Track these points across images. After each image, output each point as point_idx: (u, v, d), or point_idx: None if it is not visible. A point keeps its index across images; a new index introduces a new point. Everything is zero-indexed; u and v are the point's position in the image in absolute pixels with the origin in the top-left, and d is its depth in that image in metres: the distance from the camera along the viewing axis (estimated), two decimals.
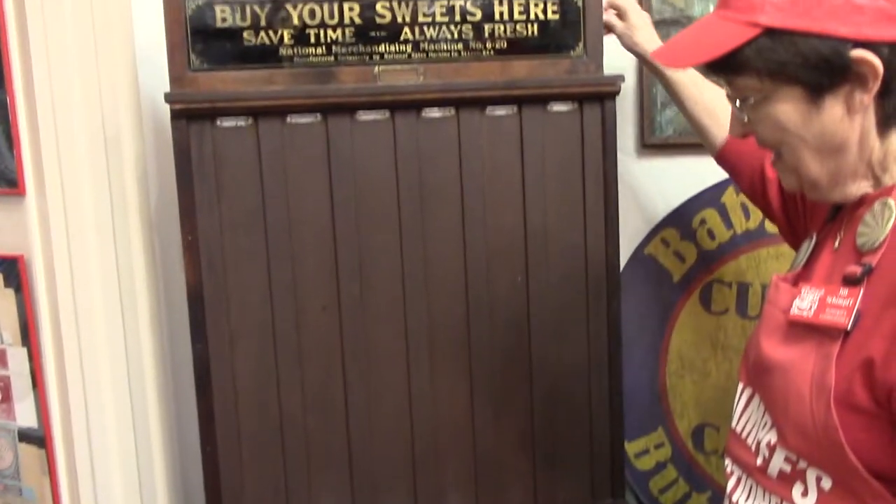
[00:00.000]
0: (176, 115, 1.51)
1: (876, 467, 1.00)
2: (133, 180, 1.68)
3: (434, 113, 1.61)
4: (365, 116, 1.58)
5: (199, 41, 1.52)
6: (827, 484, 1.06)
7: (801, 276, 1.17)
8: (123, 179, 1.65)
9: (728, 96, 1.11)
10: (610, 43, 1.70)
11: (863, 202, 1.10)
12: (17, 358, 1.65)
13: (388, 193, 1.61)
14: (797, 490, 1.09)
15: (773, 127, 1.07)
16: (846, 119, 1.04)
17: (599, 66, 1.67)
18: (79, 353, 1.61)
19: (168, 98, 1.50)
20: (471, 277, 1.65)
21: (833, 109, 1.03)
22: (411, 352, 1.65)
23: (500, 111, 1.63)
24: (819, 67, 1.01)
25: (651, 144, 2.02)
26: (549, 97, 1.64)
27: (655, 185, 2.02)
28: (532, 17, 1.64)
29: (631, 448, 1.99)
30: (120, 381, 1.68)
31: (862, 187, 1.09)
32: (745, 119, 1.10)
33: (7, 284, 1.62)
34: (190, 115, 1.51)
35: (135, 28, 1.71)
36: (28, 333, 1.62)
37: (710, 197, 1.96)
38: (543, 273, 1.69)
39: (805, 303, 1.08)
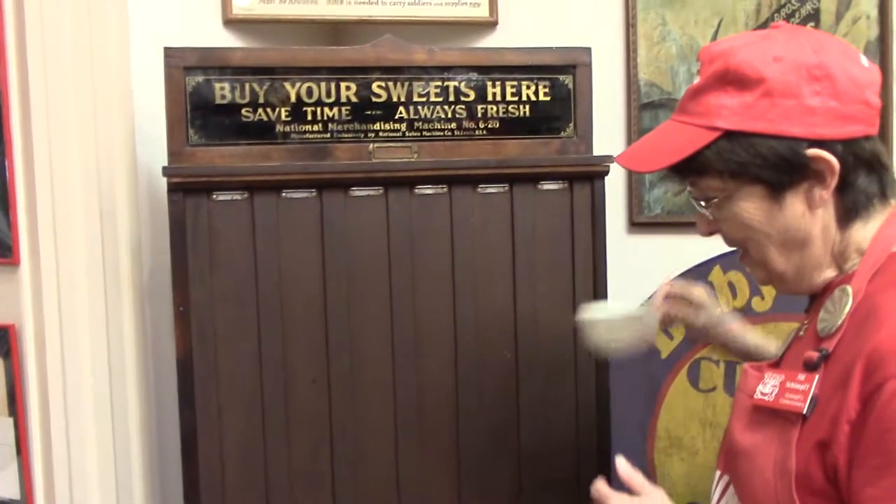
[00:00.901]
0: (173, 189, 1.53)
1: None
2: (127, 252, 1.69)
3: (427, 190, 1.63)
4: (359, 192, 1.61)
5: (199, 117, 1.56)
6: None
7: (773, 364, 1.19)
8: (117, 250, 1.67)
9: (693, 198, 1.15)
10: (599, 122, 1.74)
11: (826, 290, 1.13)
12: (3, 427, 1.64)
13: (380, 268, 1.62)
14: None
15: (738, 225, 1.11)
16: (808, 214, 1.08)
17: (589, 146, 1.71)
18: (65, 423, 1.60)
19: (166, 172, 1.53)
20: (460, 352, 1.66)
21: (794, 206, 1.07)
22: (400, 427, 1.65)
23: (492, 189, 1.66)
24: (778, 166, 1.05)
25: (639, 223, 2.05)
26: (540, 176, 1.67)
27: (643, 262, 2.04)
28: (524, 98, 1.69)
29: None
30: (106, 452, 1.67)
31: (827, 277, 1.13)
32: (711, 218, 1.13)
33: None
34: (187, 188, 1.53)
35: (134, 101, 1.75)
36: (15, 403, 1.61)
37: (697, 275, 1.99)
38: (532, 348, 1.70)
39: (767, 387, 1.10)
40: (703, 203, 1.13)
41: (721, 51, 1.09)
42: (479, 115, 1.67)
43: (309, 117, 1.60)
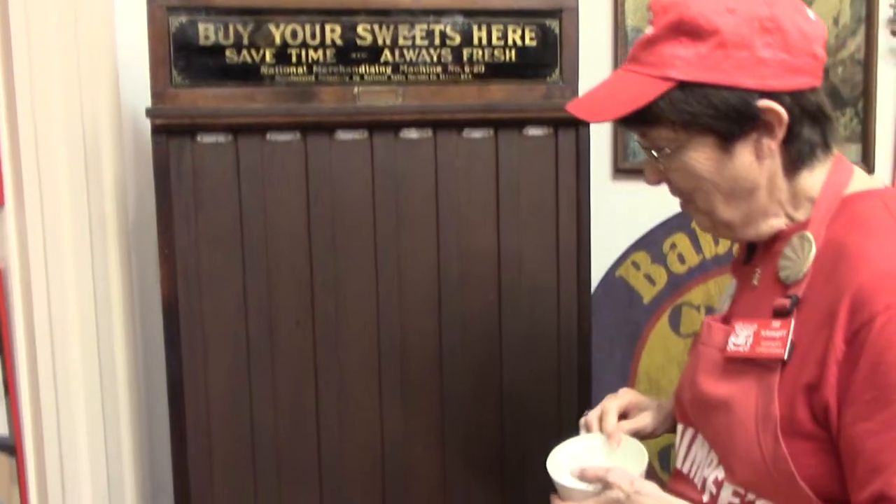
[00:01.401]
0: (156, 130, 1.53)
1: (825, 492, 1.04)
2: (112, 193, 1.69)
3: (412, 134, 1.63)
4: (344, 136, 1.61)
5: (182, 58, 1.54)
6: None
7: (728, 317, 1.22)
8: (102, 192, 1.67)
9: (643, 147, 1.16)
10: (586, 67, 1.73)
11: (777, 238, 1.15)
12: None
13: (365, 212, 1.63)
14: None
15: (687, 175, 1.12)
16: (755, 164, 1.10)
17: (575, 91, 1.71)
18: (52, 362, 1.62)
19: (149, 113, 1.52)
20: (444, 295, 1.68)
21: (743, 156, 1.09)
22: (383, 367, 1.67)
23: (477, 134, 1.66)
24: (730, 117, 1.07)
25: (624, 169, 2.06)
26: (525, 121, 1.67)
27: (627, 209, 2.06)
28: (510, 42, 1.68)
29: None
30: (93, 392, 1.69)
31: (774, 225, 1.15)
32: (661, 168, 1.15)
33: None
34: (170, 130, 1.53)
35: (117, 42, 1.73)
36: (2, 342, 1.63)
37: (680, 222, 2.01)
38: (515, 292, 1.72)
39: (740, 338, 1.12)
40: (654, 153, 1.14)
41: (674, 1, 1.09)
42: (465, 59, 1.66)
43: (294, 59, 1.59)
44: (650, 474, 1.21)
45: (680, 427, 1.27)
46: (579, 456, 1.29)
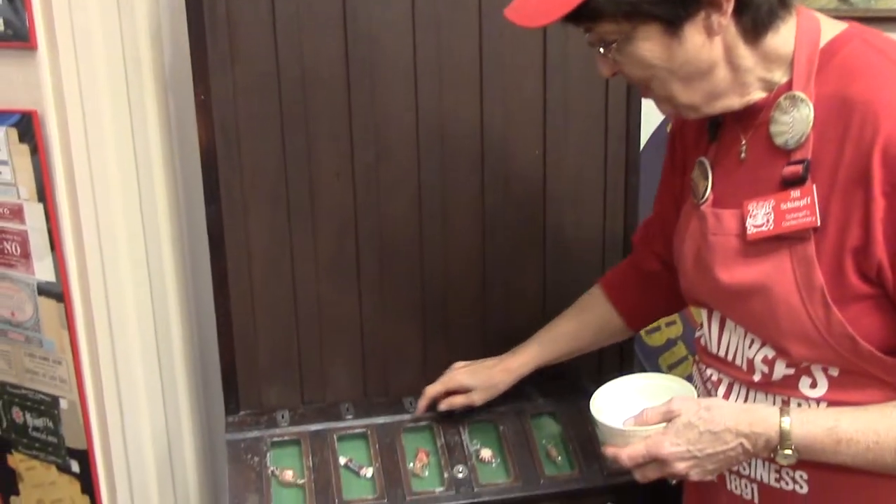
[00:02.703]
0: None
1: (888, 346, 1.04)
2: (146, 38, 1.64)
3: None
4: None
5: None
6: (835, 371, 1.09)
7: (718, 202, 1.17)
8: (136, 37, 1.62)
9: (590, 43, 1.11)
10: None
11: (760, 107, 1.11)
12: (35, 213, 1.66)
13: (405, 60, 1.56)
14: (804, 383, 1.11)
15: (639, 65, 1.08)
16: (707, 43, 1.05)
17: None
18: (94, 208, 1.62)
19: None
20: (486, 147, 1.63)
21: (693, 38, 1.04)
22: (425, 219, 1.64)
23: None
24: (670, 1, 1.02)
25: None
26: None
27: None
28: None
29: None
30: (136, 236, 1.70)
31: (748, 97, 1.10)
32: (612, 60, 1.10)
33: (21, 140, 1.61)
34: None
35: None
36: (44, 189, 1.63)
37: None
38: (562, 145, 1.66)
39: (759, 218, 1.09)
40: (601, 49, 1.09)
41: None
42: None
43: None
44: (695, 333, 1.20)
45: (704, 313, 1.26)
46: (623, 399, 1.26)
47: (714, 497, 1.29)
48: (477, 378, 1.56)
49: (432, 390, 1.58)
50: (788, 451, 1.07)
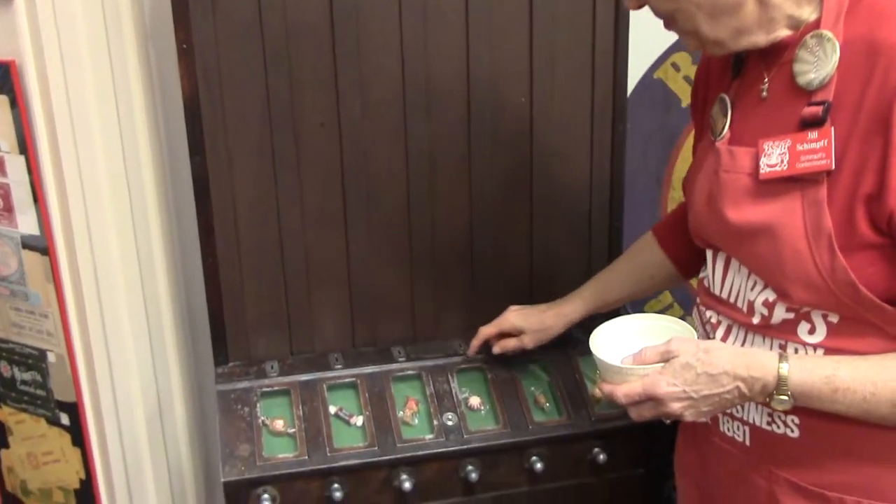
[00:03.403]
0: None
1: (889, 295, 1.03)
2: None
3: None
4: None
5: None
6: (835, 318, 1.08)
7: (736, 139, 1.15)
8: None
9: None
10: None
11: (786, 44, 1.09)
12: (16, 166, 1.64)
13: (391, 8, 1.54)
14: (803, 329, 1.11)
15: None
16: None
17: None
18: (76, 161, 1.60)
19: None
20: (473, 96, 1.62)
21: None
22: (411, 169, 1.63)
23: None
24: None
25: None
26: None
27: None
28: None
29: None
30: (120, 187, 1.68)
31: (774, 35, 1.08)
32: None
33: (0, 91, 1.58)
34: None
35: None
36: (25, 142, 1.61)
37: None
38: (548, 94, 1.65)
39: (773, 158, 1.07)
40: None
41: None
42: None
43: None
44: None
45: (709, 253, 1.25)
46: (622, 337, 1.25)
47: (706, 438, 1.30)
48: (529, 321, 1.57)
49: (486, 331, 1.60)
50: (784, 397, 1.07)
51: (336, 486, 1.45)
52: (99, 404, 1.75)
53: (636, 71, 1.91)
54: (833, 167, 1.01)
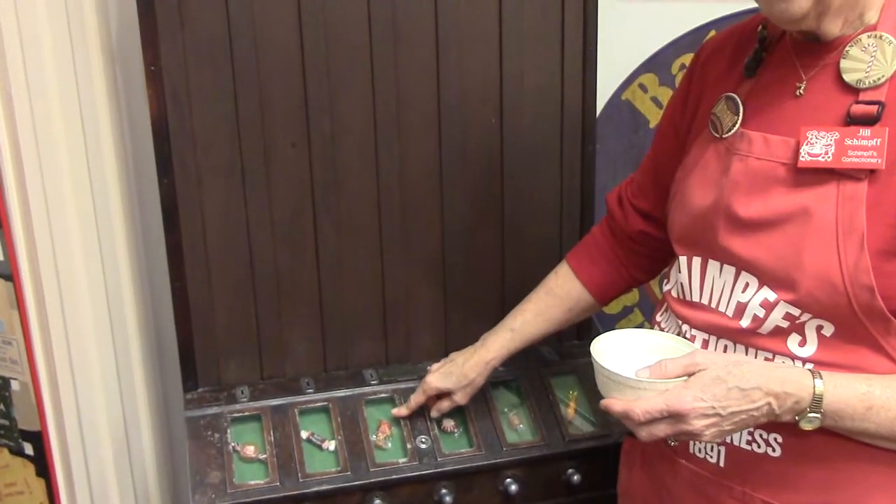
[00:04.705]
0: None
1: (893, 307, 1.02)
2: (91, 4, 1.60)
3: None
4: None
5: None
6: (829, 331, 1.06)
7: (758, 127, 1.13)
8: (81, 4, 1.57)
9: None
10: None
11: (835, 46, 1.08)
12: None
13: (360, 26, 1.54)
14: (793, 341, 1.08)
15: None
16: None
17: None
18: (42, 184, 1.57)
19: None
20: (444, 117, 1.62)
21: None
22: (382, 190, 1.63)
23: None
24: None
25: None
26: None
27: (635, 28, 1.96)
28: None
29: None
30: (86, 212, 1.65)
31: (842, 28, 1.07)
32: None
33: None
34: None
35: None
36: None
37: (690, 42, 1.92)
38: (518, 115, 1.66)
39: (817, 148, 1.04)
40: None
41: None
42: None
43: None
44: (651, 299, 1.19)
45: (683, 259, 1.22)
46: (623, 352, 1.17)
47: (666, 459, 1.26)
48: (452, 380, 1.53)
49: (414, 401, 1.57)
50: (816, 415, 1.02)
51: None
52: (64, 433, 1.71)
53: (604, 92, 1.93)
54: (884, 167, 1.00)
